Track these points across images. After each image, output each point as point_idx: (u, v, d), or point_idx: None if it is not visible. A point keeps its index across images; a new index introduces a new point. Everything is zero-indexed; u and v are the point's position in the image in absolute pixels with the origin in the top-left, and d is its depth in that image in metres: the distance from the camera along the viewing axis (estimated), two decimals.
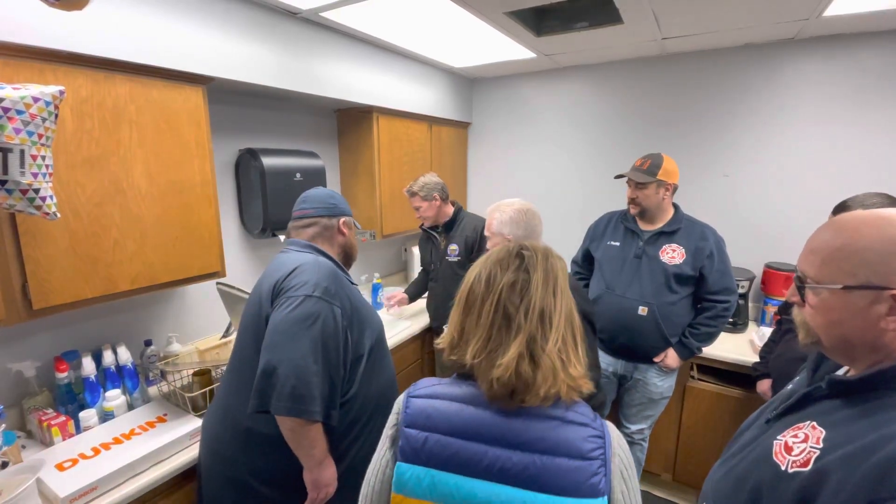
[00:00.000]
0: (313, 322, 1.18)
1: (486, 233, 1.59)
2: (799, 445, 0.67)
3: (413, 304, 2.80)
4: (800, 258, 0.74)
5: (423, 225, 2.52)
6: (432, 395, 0.82)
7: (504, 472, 0.73)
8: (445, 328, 0.87)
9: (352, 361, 1.30)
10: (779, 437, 0.71)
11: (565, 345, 0.78)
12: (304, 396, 1.13)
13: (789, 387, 0.86)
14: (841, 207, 1.43)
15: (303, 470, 1.24)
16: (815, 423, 0.68)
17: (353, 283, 1.41)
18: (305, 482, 1.25)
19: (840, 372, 0.77)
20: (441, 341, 0.87)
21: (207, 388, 1.62)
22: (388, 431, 0.83)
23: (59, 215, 1.19)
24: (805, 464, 0.64)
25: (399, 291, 2.71)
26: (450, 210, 2.47)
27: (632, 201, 1.98)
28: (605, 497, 0.71)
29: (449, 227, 2.48)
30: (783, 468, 0.67)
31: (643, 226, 2.01)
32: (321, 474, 1.24)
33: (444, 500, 0.74)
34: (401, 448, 0.78)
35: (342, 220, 1.45)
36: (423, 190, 2.35)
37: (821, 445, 0.64)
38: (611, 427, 0.78)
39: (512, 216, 1.49)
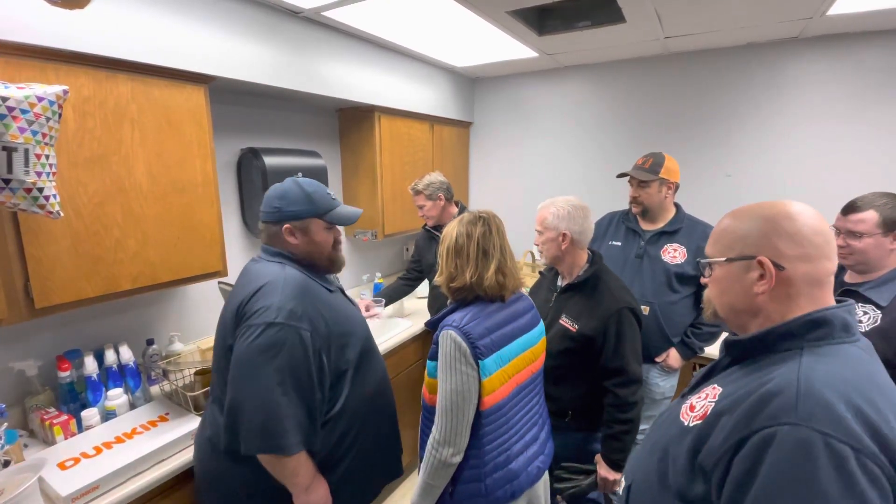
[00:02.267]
0: (277, 352, 1.11)
1: (537, 227, 1.59)
2: (699, 402, 0.77)
3: (414, 303, 2.79)
4: (707, 241, 0.86)
5: (426, 224, 2.50)
6: (473, 318, 1.22)
7: (522, 327, 1.33)
8: (438, 272, 1.33)
9: (333, 381, 1.25)
10: (686, 402, 0.81)
11: (514, 263, 1.33)
12: (275, 432, 1.09)
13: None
14: (850, 207, 1.42)
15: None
16: (715, 385, 0.78)
17: (330, 290, 1.33)
18: None
19: None
20: (439, 279, 1.32)
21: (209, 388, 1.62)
22: (460, 362, 1.17)
23: (62, 214, 1.20)
24: (703, 416, 0.73)
25: (367, 300, 2.43)
26: (454, 211, 2.43)
27: (634, 200, 1.98)
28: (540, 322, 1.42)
29: None
30: (686, 424, 0.76)
31: (645, 225, 2.00)
32: (309, 499, 1.20)
33: (506, 362, 1.26)
34: (479, 352, 1.18)
35: (285, 226, 1.26)
36: (427, 188, 2.32)
37: (716, 399, 0.74)
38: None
39: (570, 211, 1.54)
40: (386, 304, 2.51)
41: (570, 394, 1.56)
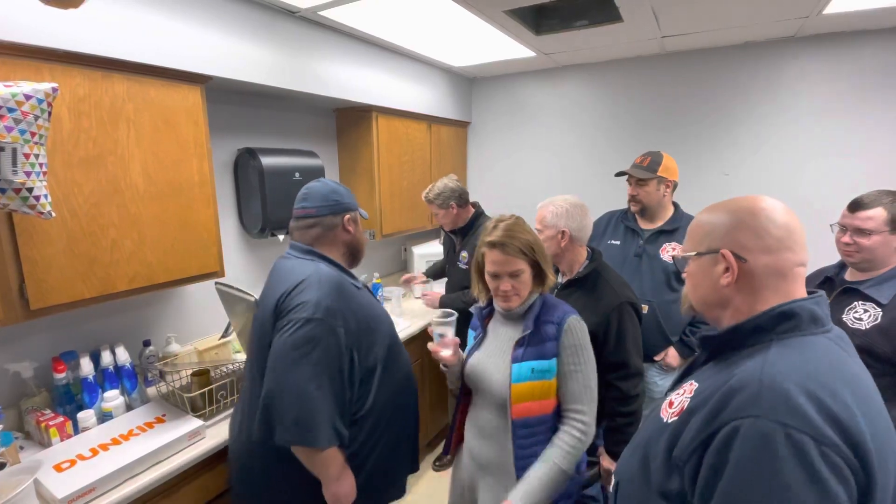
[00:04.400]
0: (314, 347, 1.14)
1: (537, 226, 1.59)
2: (677, 398, 0.78)
3: (412, 304, 2.79)
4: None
5: (443, 228, 2.49)
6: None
7: None
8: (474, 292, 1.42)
9: (362, 377, 1.27)
10: (667, 399, 0.83)
11: None
12: (308, 425, 1.12)
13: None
14: (857, 205, 1.41)
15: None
16: (693, 381, 0.79)
17: (358, 287, 1.36)
18: (325, 496, 1.24)
19: None
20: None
21: (206, 389, 1.61)
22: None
23: (53, 214, 1.18)
24: (679, 413, 0.75)
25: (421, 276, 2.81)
26: (467, 214, 2.39)
27: (632, 199, 1.98)
28: None
29: (465, 232, 2.40)
30: (665, 421, 0.77)
31: (643, 224, 2.00)
32: (339, 489, 1.23)
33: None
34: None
35: (346, 216, 1.36)
36: (438, 199, 2.30)
37: (692, 395, 0.75)
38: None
39: (568, 209, 1.56)
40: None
41: None
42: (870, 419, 0.63)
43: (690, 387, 0.78)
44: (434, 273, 2.78)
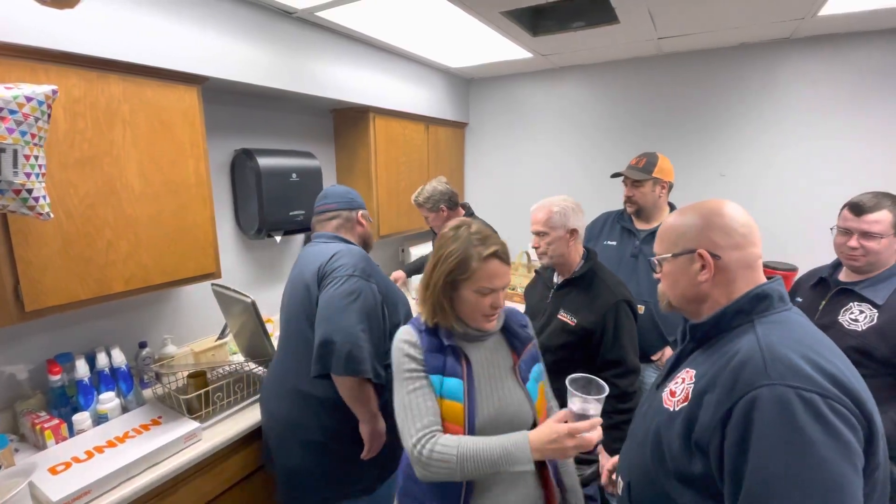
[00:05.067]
0: (357, 297, 1.36)
1: (541, 228, 1.56)
2: (679, 387, 0.84)
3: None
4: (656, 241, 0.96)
5: (434, 230, 2.48)
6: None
7: None
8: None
9: (390, 330, 1.46)
10: (665, 390, 0.88)
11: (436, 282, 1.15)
12: (358, 359, 1.31)
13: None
14: (861, 209, 1.40)
15: (358, 425, 1.42)
16: (688, 369, 0.85)
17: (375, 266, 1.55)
18: (363, 434, 1.42)
19: None
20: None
21: (203, 391, 1.61)
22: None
23: (52, 216, 1.18)
24: (686, 399, 0.80)
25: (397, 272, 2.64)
26: (460, 214, 2.38)
27: (628, 200, 1.98)
28: None
29: None
30: (672, 409, 0.82)
31: (639, 225, 2.01)
32: (376, 426, 1.43)
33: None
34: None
35: (360, 212, 1.62)
36: (428, 202, 2.27)
37: (693, 381, 0.81)
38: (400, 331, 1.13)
39: (572, 208, 1.58)
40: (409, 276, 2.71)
41: (570, 392, 1.56)
42: (852, 374, 0.72)
43: (688, 374, 0.83)
44: (414, 269, 2.73)
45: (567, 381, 1.01)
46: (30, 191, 1.11)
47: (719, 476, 0.71)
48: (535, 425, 1.08)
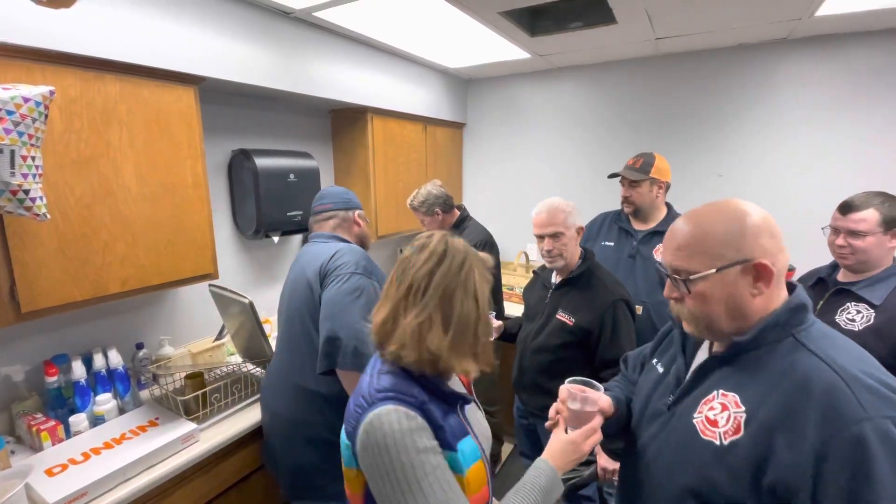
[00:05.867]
0: (360, 293, 1.37)
1: (557, 230, 1.56)
2: (721, 416, 0.73)
3: None
4: (668, 256, 0.81)
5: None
6: None
7: None
8: None
9: None
10: (696, 416, 0.77)
11: (430, 321, 0.85)
12: (363, 354, 1.31)
13: (660, 370, 0.96)
14: (848, 207, 1.41)
15: None
16: (722, 391, 0.74)
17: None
18: None
19: (703, 347, 0.87)
20: None
21: (200, 392, 1.60)
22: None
23: (49, 217, 1.18)
24: (737, 430, 0.70)
25: None
26: (452, 219, 2.40)
27: (625, 200, 1.99)
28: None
29: None
30: (718, 443, 0.72)
31: (637, 225, 2.01)
32: None
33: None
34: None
35: (356, 212, 1.65)
36: (423, 206, 2.31)
37: (742, 408, 0.71)
38: (382, 413, 0.79)
39: (573, 207, 1.61)
40: None
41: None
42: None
43: (729, 399, 0.73)
44: None
45: (566, 382, 1.01)
46: (27, 191, 1.10)
47: None
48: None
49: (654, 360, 1.01)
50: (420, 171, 2.99)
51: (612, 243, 2.05)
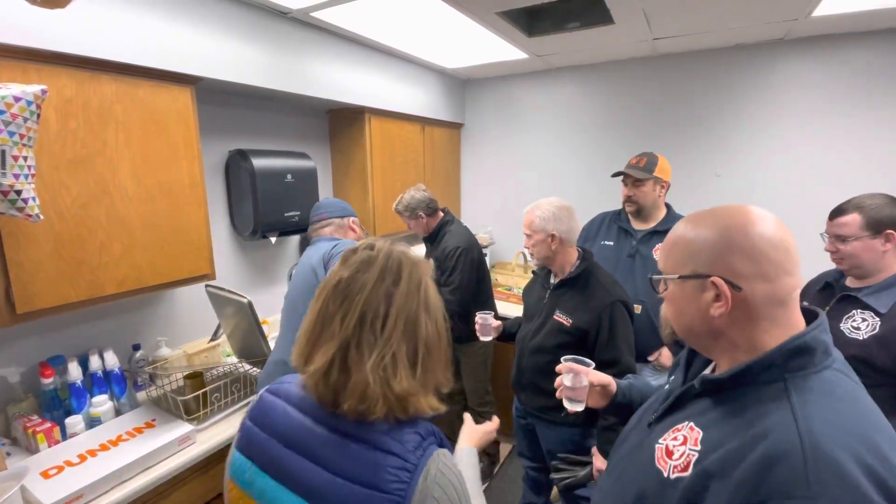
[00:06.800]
0: None
1: (526, 231, 1.62)
2: (679, 449, 0.67)
3: None
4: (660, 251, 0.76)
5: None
6: (277, 391, 0.80)
7: (312, 490, 0.68)
8: None
9: None
10: (660, 441, 0.71)
11: (394, 359, 0.70)
12: None
13: (666, 387, 0.88)
14: (836, 211, 1.40)
15: None
16: (692, 424, 0.68)
17: None
18: None
19: (708, 370, 0.80)
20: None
21: (201, 392, 1.60)
22: (244, 417, 0.81)
23: (42, 217, 1.17)
24: (685, 468, 0.64)
25: None
26: (435, 222, 2.40)
27: (628, 199, 1.98)
28: None
29: (432, 240, 2.43)
30: (665, 475, 0.67)
31: (636, 225, 2.01)
32: None
33: (258, 499, 0.73)
34: (241, 437, 0.78)
35: (351, 219, 1.80)
36: (406, 210, 2.34)
37: (699, 448, 0.64)
38: (438, 462, 0.68)
39: (554, 212, 1.56)
40: None
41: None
42: None
43: (692, 433, 0.67)
44: None
45: (562, 360, 1.14)
46: (18, 192, 1.09)
47: None
48: None
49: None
50: (418, 172, 2.99)
51: (611, 243, 2.05)
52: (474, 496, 0.83)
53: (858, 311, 1.35)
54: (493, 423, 1.10)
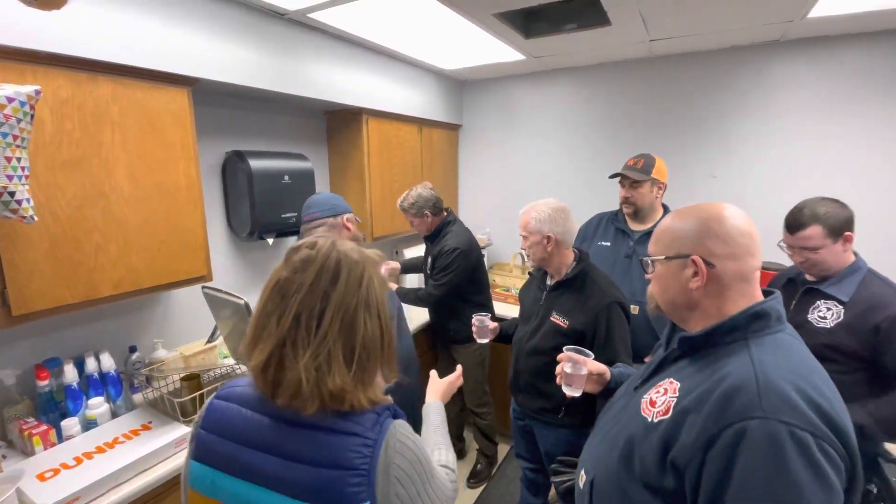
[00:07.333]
0: None
1: (522, 232, 1.62)
2: (661, 399, 0.81)
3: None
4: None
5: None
6: (227, 396, 0.80)
7: (280, 481, 0.70)
8: None
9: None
10: (644, 396, 0.85)
11: (329, 357, 0.71)
12: None
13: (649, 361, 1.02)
14: (794, 225, 1.46)
15: None
16: (671, 379, 0.82)
17: None
18: None
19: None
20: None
21: (198, 393, 1.59)
22: (193, 427, 0.81)
23: (36, 219, 1.16)
24: (666, 412, 0.78)
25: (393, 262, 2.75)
26: (438, 222, 2.40)
27: (625, 201, 1.99)
28: (368, 502, 0.68)
29: (432, 238, 2.43)
30: (649, 420, 0.80)
31: (633, 226, 2.01)
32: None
33: (228, 502, 0.74)
34: (195, 447, 0.78)
35: (345, 217, 1.68)
36: (412, 208, 2.32)
37: (677, 395, 0.78)
38: (395, 433, 0.73)
39: (550, 214, 1.56)
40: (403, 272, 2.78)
41: (562, 390, 1.57)
42: (840, 405, 0.71)
43: (671, 385, 0.81)
44: (409, 267, 2.77)
45: (564, 350, 1.26)
46: (12, 193, 1.09)
47: (692, 498, 0.70)
48: None
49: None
50: (416, 173, 2.99)
51: (608, 243, 2.05)
52: (442, 447, 0.97)
53: (822, 301, 1.44)
54: (456, 374, 1.24)
